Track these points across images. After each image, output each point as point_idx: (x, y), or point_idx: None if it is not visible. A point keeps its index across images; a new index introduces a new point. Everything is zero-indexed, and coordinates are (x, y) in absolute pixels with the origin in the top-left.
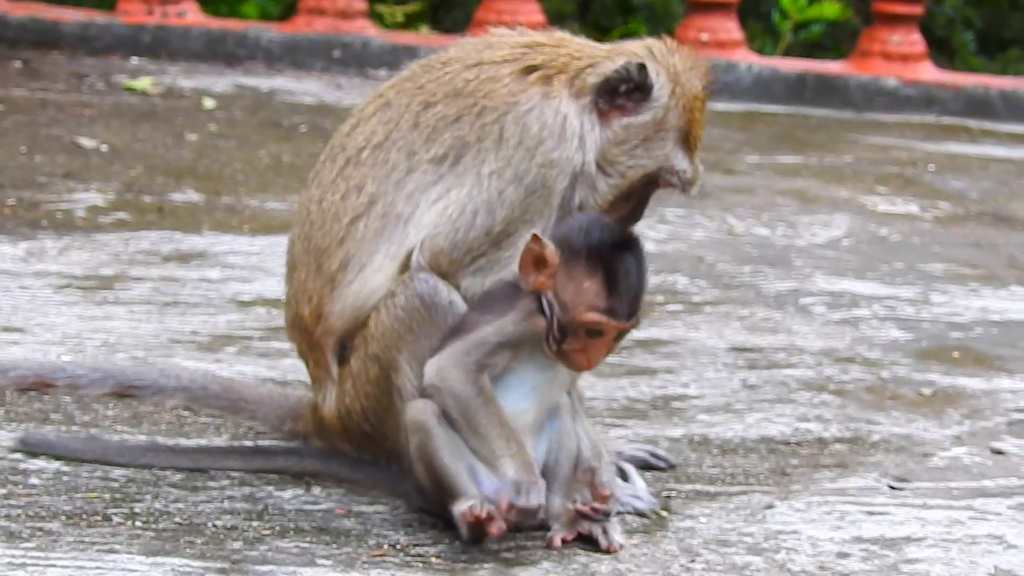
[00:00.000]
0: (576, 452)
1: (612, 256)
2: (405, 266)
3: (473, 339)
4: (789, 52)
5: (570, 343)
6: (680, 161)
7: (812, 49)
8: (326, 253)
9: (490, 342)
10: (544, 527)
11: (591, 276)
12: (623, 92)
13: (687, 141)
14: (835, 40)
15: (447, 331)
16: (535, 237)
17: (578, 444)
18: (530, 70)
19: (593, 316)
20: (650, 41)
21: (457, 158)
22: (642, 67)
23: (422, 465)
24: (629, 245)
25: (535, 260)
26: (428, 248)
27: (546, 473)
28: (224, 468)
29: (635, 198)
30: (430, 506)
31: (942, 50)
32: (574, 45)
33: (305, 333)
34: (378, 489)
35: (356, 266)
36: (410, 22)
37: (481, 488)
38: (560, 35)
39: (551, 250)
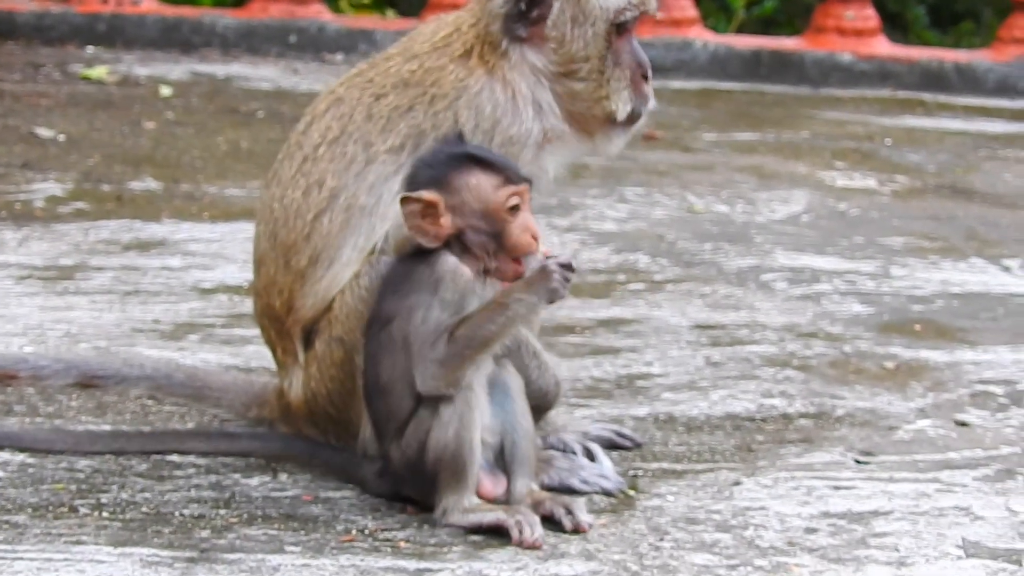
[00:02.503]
0: (532, 431)
1: (464, 151)
2: None
3: (430, 333)
4: (743, 29)
5: (510, 235)
6: (615, 0)
7: (765, 25)
8: (293, 249)
9: (447, 322)
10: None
11: (472, 173)
12: (527, 8)
13: None
14: (788, 16)
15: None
16: (404, 198)
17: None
18: (467, 53)
19: (508, 190)
20: None
21: (415, 147)
22: None
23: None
24: (456, 139)
25: (423, 213)
26: (394, 237)
27: (504, 456)
28: (190, 451)
29: (622, 52)
30: (410, 488)
31: (895, 24)
32: (466, 15)
33: (275, 321)
34: (339, 473)
35: (326, 261)
36: (376, 4)
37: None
38: (456, 13)
39: (428, 193)
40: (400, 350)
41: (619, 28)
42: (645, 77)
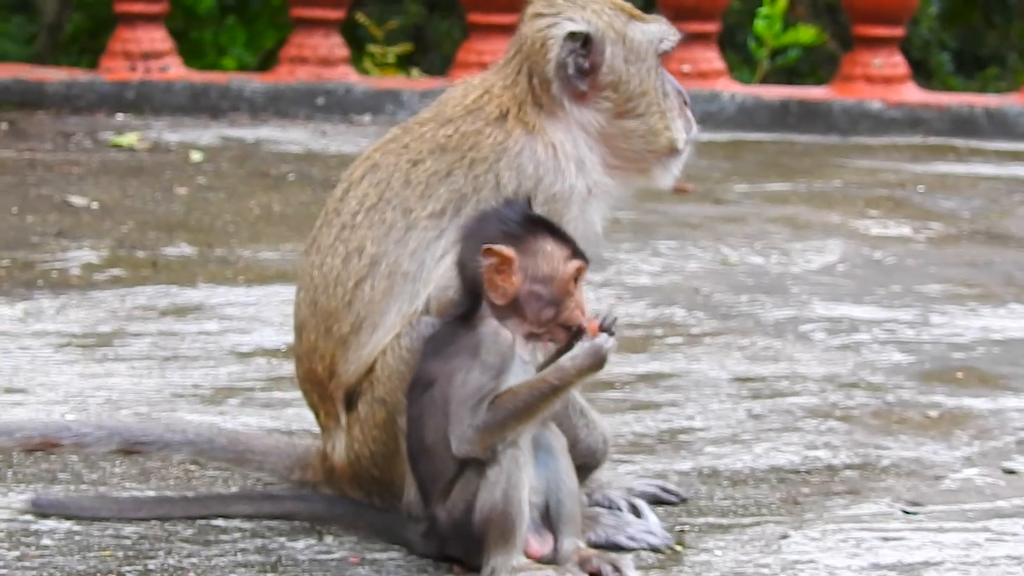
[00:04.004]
0: (577, 489)
1: (539, 216)
2: None
3: (471, 396)
4: (767, 79)
5: (566, 308)
6: (656, 31)
7: (789, 75)
8: (334, 316)
9: (488, 386)
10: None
11: (546, 239)
12: (583, 63)
13: (637, 18)
14: (812, 65)
15: (428, 400)
16: (488, 249)
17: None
18: (503, 116)
19: (574, 263)
20: (535, 9)
21: (456, 211)
22: (570, 35)
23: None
24: (525, 204)
25: (498, 269)
26: (437, 300)
27: (550, 514)
28: (235, 515)
29: (666, 83)
30: (457, 549)
31: (919, 71)
32: (496, 78)
33: (318, 386)
34: (384, 535)
35: (369, 328)
36: (400, 63)
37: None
38: (482, 75)
39: (503, 248)
40: (442, 412)
41: (660, 58)
42: (686, 103)
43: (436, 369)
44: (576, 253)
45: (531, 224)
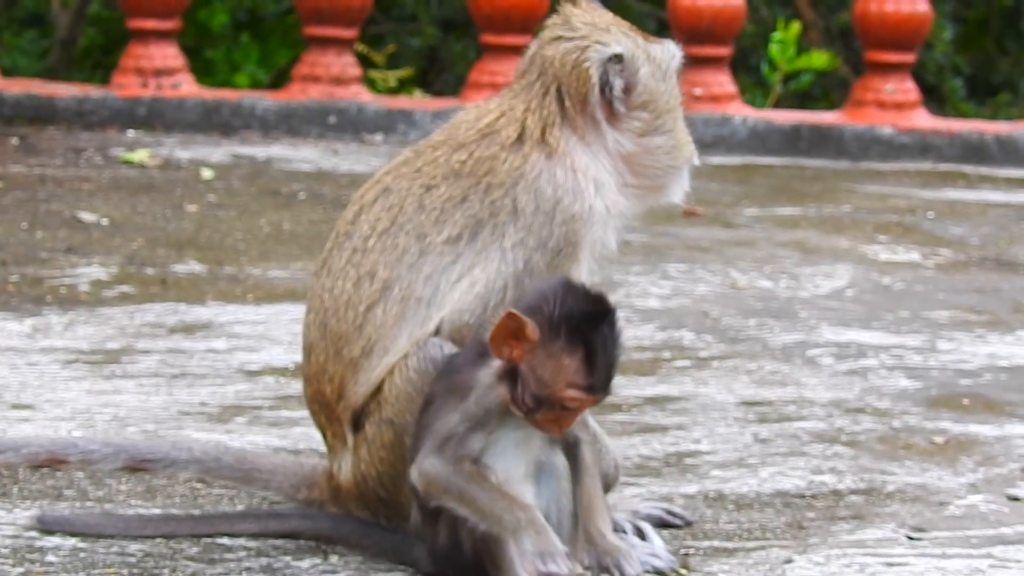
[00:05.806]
0: (574, 511)
1: (591, 330)
2: None
3: (442, 433)
4: (779, 103)
5: (543, 413)
6: (671, 50)
7: (802, 100)
8: (344, 339)
9: (459, 432)
10: None
11: (572, 353)
12: (619, 84)
13: (650, 40)
14: (824, 90)
15: (418, 424)
16: (511, 314)
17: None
18: (520, 140)
19: (572, 393)
20: (557, 25)
21: (473, 235)
22: (613, 57)
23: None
24: (604, 312)
25: (512, 334)
26: (450, 323)
27: None
28: (240, 533)
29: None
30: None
31: (932, 96)
32: (516, 101)
33: (326, 408)
34: (390, 555)
35: (380, 351)
36: (402, 86)
37: None
38: (498, 99)
39: (531, 327)
40: None
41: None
42: None
43: (435, 393)
44: (594, 388)
45: (580, 328)
